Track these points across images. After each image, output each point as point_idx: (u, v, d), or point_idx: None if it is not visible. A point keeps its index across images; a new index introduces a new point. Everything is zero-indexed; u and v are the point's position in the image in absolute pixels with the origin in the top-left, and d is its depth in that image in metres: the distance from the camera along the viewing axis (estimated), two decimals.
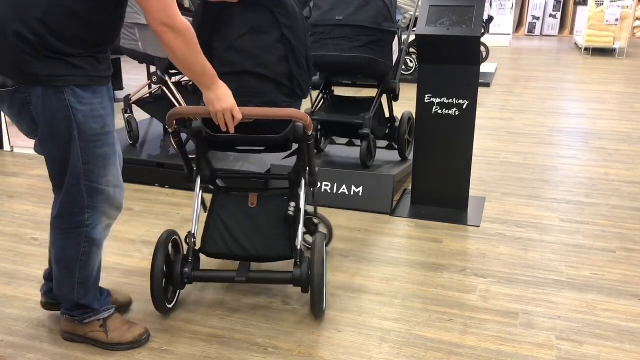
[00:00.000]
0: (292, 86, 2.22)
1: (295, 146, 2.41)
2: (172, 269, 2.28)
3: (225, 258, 2.37)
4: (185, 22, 1.85)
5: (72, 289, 2.07)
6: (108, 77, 1.95)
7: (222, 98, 2.05)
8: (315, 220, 2.74)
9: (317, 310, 2.30)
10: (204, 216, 2.43)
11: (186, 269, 2.28)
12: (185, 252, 2.35)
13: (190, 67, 1.95)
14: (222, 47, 2.14)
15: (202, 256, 2.41)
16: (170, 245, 2.30)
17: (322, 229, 2.77)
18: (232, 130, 2.10)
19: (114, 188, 2.02)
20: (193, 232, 2.33)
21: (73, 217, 1.97)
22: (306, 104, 2.39)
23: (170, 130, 2.24)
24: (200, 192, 2.41)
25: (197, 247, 2.37)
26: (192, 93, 3.88)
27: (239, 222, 2.37)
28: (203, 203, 2.45)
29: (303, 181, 2.42)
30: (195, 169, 2.43)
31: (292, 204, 2.34)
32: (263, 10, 2.13)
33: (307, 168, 2.42)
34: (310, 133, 2.26)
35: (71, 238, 2.00)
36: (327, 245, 2.85)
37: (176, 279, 2.27)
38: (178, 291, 2.40)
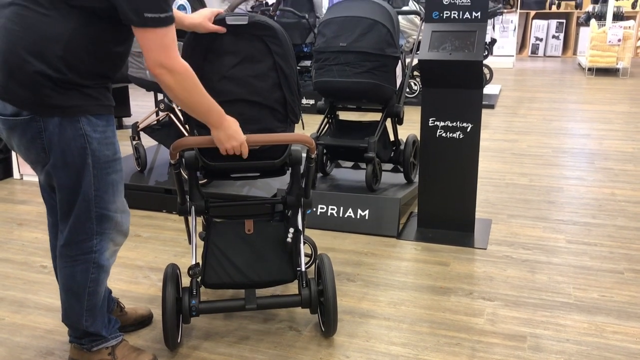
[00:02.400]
0: (286, 112, 2.25)
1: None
2: (179, 303, 2.26)
3: (227, 288, 2.34)
4: (184, 64, 1.86)
5: (80, 317, 2.08)
6: (114, 106, 2.02)
7: (231, 136, 2.08)
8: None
9: (331, 331, 2.31)
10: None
11: (193, 302, 2.25)
12: (186, 285, 2.32)
13: (193, 108, 1.98)
14: (215, 77, 2.16)
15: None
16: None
17: (307, 249, 2.76)
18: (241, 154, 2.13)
19: (121, 214, 2.05)
20: (193, 263, 2.30)
21: (81, 243, 2.00)
22: (297, 128, 2.42)
23: (172, 161, 2.23)
24: (195, 222, 2.40)
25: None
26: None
27: (238, 250, 2.35)
28: (203, 232, 2.44)
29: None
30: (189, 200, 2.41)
31: (292, 229, 2.34)
32: (254, 39, 2.16)
33: (305, 191, 2.43)
34: (313, 156, 2.29)
35: (80, 264, 2.02)
36: (309, 265, 2.87)
37: (185, 314, 2.25)
38: (182, 324, 2.38)
